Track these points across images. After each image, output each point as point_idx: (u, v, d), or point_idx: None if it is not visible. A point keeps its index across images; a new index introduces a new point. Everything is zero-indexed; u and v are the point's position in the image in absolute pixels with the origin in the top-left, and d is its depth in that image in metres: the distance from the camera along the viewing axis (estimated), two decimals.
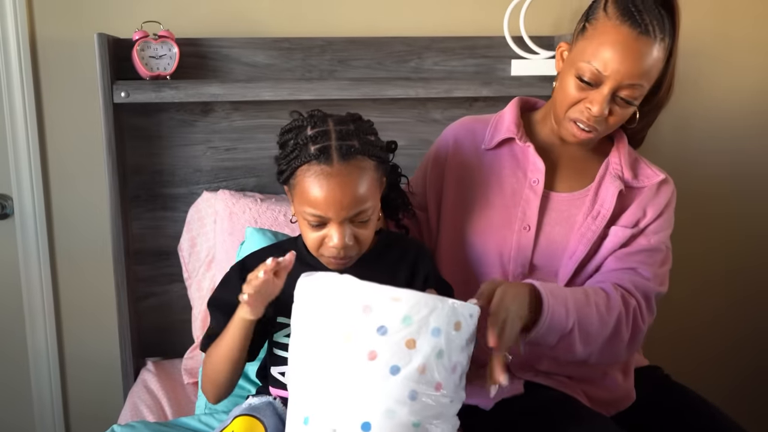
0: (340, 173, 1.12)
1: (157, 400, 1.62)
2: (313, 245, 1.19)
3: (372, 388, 0.95)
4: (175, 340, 1.84)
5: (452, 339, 0.97)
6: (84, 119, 1.80)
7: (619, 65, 1.21)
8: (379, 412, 0.95)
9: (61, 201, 1.85)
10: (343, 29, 1.86)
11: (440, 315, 0.96)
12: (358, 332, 0.95)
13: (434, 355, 0.96)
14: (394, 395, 0.95)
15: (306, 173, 1.13)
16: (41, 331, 1.89)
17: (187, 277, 1.80)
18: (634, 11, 1.21)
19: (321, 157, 1.12)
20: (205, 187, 1.82)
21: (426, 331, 0.95)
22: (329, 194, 1.12)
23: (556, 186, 1.38)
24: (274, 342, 1.24)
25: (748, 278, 2.24)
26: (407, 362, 0.95)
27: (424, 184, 1.45)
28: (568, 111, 1.29)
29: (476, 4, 1.91)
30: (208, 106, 1.79)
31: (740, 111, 2.11)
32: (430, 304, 0.96)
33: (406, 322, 0.95)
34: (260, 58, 1.80)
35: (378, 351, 0.94)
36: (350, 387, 0.96)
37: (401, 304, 0.95)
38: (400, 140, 1.80)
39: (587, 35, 1.26)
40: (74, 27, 1.76)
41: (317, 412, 0.98)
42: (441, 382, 0.97)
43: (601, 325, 1.23)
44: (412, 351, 0.95)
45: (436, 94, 1.77)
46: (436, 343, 0.96)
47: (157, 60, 1.68)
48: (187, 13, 1.80)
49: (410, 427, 0.95)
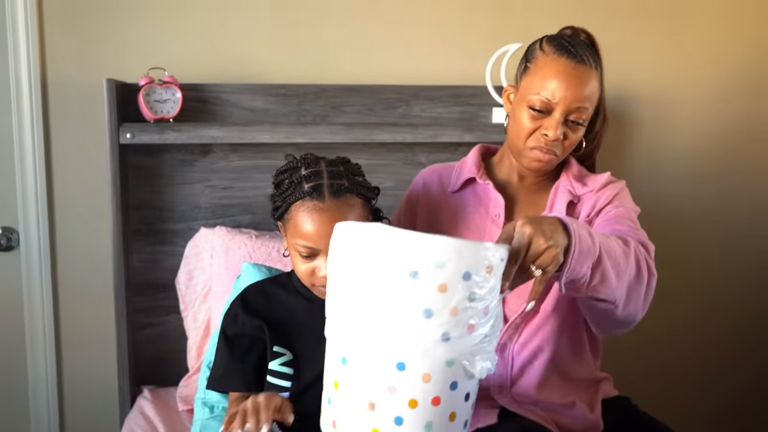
0: (331, 208, 1.23)
1: (154, 426, 1.69)
2: (304, 276, 1.29)
3: (406, 331, 0.99)
4: (170, 369, 1.92)
5: (484, 282, 1.00)
6: (89, 157, 1.90)
7: (565, 91, 1.34)
8: (413, 353, 0.99)
9: (65, 234, 1.94)
10: (336, 77, 1.97)
11: (472, 259, 0.99)
12: (392, 277, 0.99)
13: (466, 299, 0.99)
14: (428, 337, 0.99)
15: (300, 208, 1.24)
16: (41, 358, 1.96)
17: (184, 308, 1.88)
18: (568, 46, 1.36)
19: (314, 194, 1.23)
20: (203, 223, 1.91)
21: (458, 276, 0.98)
22: (320, 227, 1.22)
23: (515, 217, 1.48)
24: (269, 370, 1.33)
25: (723, 317, 2.34)
26: (440, 306, 0.98)
27: (399, 225, 1.55)
28: (526, 141, 1.40)
29: (461, 56, 2.04)
30: (207, 147, 1.89)
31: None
32: (462, 249, 0.99)
33: (438, 267, 0.98)
34: (258, 103, 1.91)
35: (411, 295, 0.98)
36: (385, 329, 1.00)
37: (434, 249, 0.98)
38: (387, 182, 1.92)
39: (531, 72, 1.39)
40: (84, 71, 1.87)
41: (354, 352, 1.03)
42: (473, 324, 1.01)
43: (625, 257, 1.23)
44: (444, 294, 0.98)
45: (423, 139, 1.88)
46: (467, 287, 0.99)
47: (161, 104, 1.79)
48: (190, 60, 1.91)
49: (444, 365, 1.01)
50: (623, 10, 2.11)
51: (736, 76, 2.21)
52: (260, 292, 1.38)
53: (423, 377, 1.01)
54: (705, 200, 2.26)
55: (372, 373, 1.02)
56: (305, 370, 1.32)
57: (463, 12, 2.02)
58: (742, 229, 2.30)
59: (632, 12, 2.12)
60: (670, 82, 2.17)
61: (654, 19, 2.13)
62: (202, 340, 1.84)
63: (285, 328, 1.33)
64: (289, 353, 1.33)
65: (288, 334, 1.34)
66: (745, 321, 2.35)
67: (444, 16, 2.02)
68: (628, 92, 2.14)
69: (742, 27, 2.20)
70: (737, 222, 2.30)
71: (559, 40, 1.38)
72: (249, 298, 1.36)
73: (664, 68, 2.16)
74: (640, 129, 2.18)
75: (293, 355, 1.33)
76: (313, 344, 1.33)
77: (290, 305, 1.35)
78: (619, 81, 2.07)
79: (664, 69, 2.16)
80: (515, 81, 1.46)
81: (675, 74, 2.17)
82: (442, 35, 2.02)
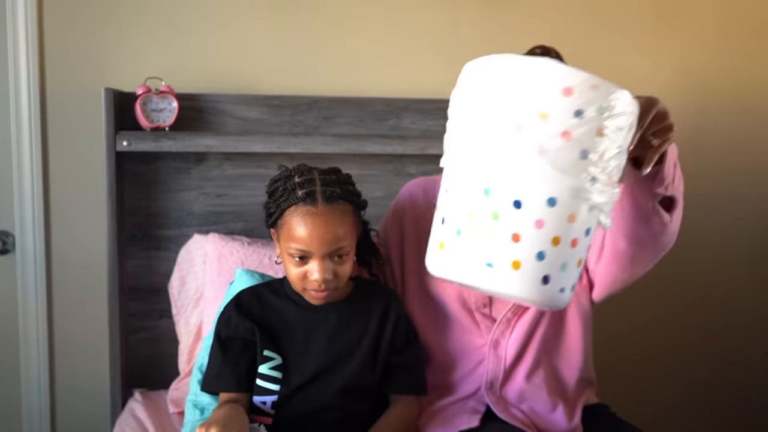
0: (324, 213, 1.29)
1: (144, 428, 1.71)
2: (296, 280, 1.34)
3: (561, 168, 1.01)
4: (162, 372, 1.95)
5: (629, 134, 1.05)
6: (86, 164, 1.94)
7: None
8: (566, 191, 1.03)
9: (60, 238, 1.98)
10: (328, 89, 2.02)
11: (628, 109, 1.04)
12: (556, 113, 1.00)
13: (615, 147, 1.04)
14: (583, 178, 1.03)
15: (293, 213, 1.29)
16: (34, 361, 1.99)
17: (176, 313, 1.92)
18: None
19: (307, 200, 1.29)
20: (196, 229, 1.95)
21: (614, 123, 1.02)
22: (313, 231, 1.28)
23: None
24: (259, 374, 1.37)
25: (704, 323, 2.40)
26: (594, 149, 1.02)
27: (386, 236, 1.60)
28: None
29: (451, 70, 2.06)
30: (202, 156, 1.93)
31: None
32: (624, 99, 1.03)
33: (600, 111, 1.01)
34: (252, 113, 1.95)
35: (573, 133, 1.01)
36: (540, 164, 1.02)
37: (599, 93, 1.01)
38: (377, 192, 1.97)
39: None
40: (82, 79, 1.91)
41: (498, 184, 1.04)
42: (612, 176, 1.06)
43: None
44: (600, 138, 1.02)
45: (412, 151, 1.93)
46: (618, 138, 1.04)
47: (157, 113, 1.83)
48: (186, 70, 1.96)
49: (586, 210, 1.04)
50: (614, 24, 2.17)
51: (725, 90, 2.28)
52: (253, 296, 1.43)
53: (569, 217, 1.04)
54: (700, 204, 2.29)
55: (522, 207, 1.03)
56: (294, 375, 1.36)
57: (453, 27, 2.08)
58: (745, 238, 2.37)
59: (623, 26, 2.18)
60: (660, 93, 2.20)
61: (645, 33, 2.20)
62: (193, 344, 1.87)
63: (276, 332, 1.38)
64: (279, 357, 1.37)
65: (278, 338, 1.38)
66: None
67: (434, 31, 2.07)
68: None
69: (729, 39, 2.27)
70: (741, 231, 2.37)
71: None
72: (242, 301, 1.41)
73: (655, 80, 2.21)
74: None
75: (282, 359, 1.37)
76: (302, 349, 1.38)
77: (282, 310, 1.40)
78: None
79: (655, 81, 2.20)
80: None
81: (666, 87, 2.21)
82: (433, 50, 2.08)
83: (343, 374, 1.38)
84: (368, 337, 1.41)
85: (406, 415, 1.42)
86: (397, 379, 1.43)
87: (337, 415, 1.38)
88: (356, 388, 1.39)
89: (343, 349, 1.39)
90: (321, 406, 1.37)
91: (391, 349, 1.42)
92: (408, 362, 1.44)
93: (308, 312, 1.40)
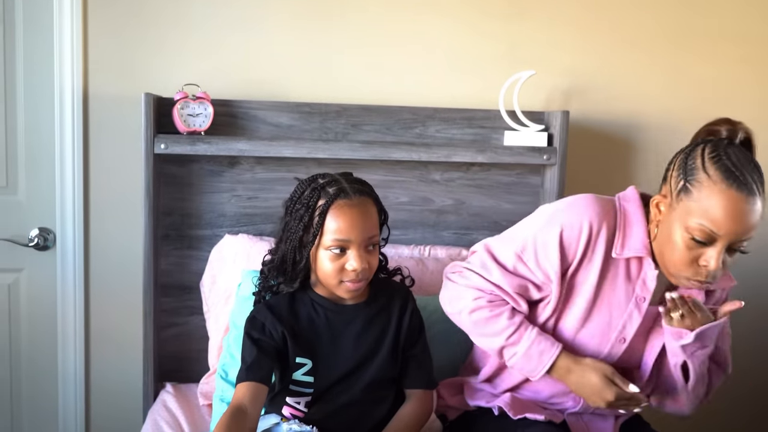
0: (359, 204, 1.39)
1: (176, 418, 1.79)
2: (333, 274, 1.40)
3: None
4: (192, 367, 2.02)
5: None
6: (124, 165, 2.03)
7: (733, 226, 1.26)
8: None
9: (99, 236, 2.07)
10: (357, 97, 2.08)
11: None
12: None
13: None
14: None
15: (330, 208, 1.38)
16: (71, 351, 2.08)
17: (207, 310, 1.99)
18: (737, 173, 1.26)
19: (340, 195, 1.38)
20: (228, 230, 2.02)
21: None
22: (353, 220, 1.37)
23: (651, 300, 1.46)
24: (292, 380, 1.44)
25: None
26: None
27: (560, 257, 1.44)
28: (684, 271, 1.34)
29: (476, 81, 2.14)
30: (235, 159, 2.01)
31: None
32: None
33: None
34: (283, 119, 2.02)
35: None
36: None
37: None
38: (402, 197, 2.03)
39: (693, 197, 1.30)
40: (123, 85, 2.01)
41: None
42: None
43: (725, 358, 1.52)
44: None
45: (437, 158, 1.98)
46: None
47: (194, 118, 1.91)
48: (222, 77, 2.04)
49: None
50: (632, 41, 2.19)
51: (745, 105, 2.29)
52: (283, 303, 1.49)
53: None
54: None
55: None
56: (324, 376, 1.44)
57: (477, 40, 2.13)
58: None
59: (641, 42, 2.20)
60: (678, 110, 2.24)
61: (662, 50, 2.22)
62: (222, 340, 1.94)
63: (306, 336, 1.46)
64: (310, 361, 1.44)
65: (309, 342, 1.45)
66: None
67: (460, 43, 2.13)
68: (636, 120, 2.23)
69: (750, 58, 2.27)
70: None
71: (726, 163, 1.28)
72: (274, 309, 1.47)
73: (671, 97, 2.24)
74: (646, 155, 2.26)
75: (312, 362, 1.44)
76: (331, 351, 1.46)
77: (310, 315, 1.48)
78: (627, 109, 2.18)
79: (671, 98, 2.24)
80: (670, 189, 1.37)
81: (682, 104, 2.24)
82: (458, 61, 2.13)
83: (369, 371, 1.46)
84: (390, 333, 1.49)
85: (420, 410, 1.51)
86: (411, 373, 1.52)
87: (364, 407, 1.47)
88: (381, 381, 1.48)
89: (369, 347, 1.47)
90: (349, 400, 1.45)
91: (407, 341, 1.51)
92: (419, 355, 1.53)
93: (335, 315, 1.48)
